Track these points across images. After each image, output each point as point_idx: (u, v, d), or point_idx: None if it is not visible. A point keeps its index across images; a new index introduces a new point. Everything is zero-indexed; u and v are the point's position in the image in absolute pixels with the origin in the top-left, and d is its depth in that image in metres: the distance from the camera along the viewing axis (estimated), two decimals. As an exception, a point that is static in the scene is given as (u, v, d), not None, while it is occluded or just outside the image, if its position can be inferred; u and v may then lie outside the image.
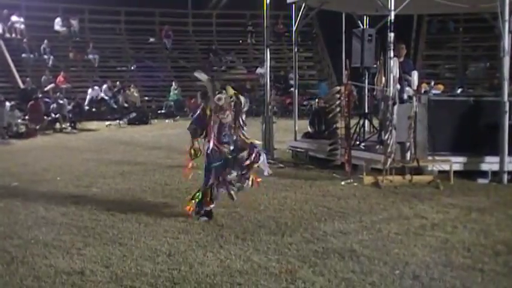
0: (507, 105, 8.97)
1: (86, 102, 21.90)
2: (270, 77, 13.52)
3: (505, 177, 8.90)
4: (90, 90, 22.40)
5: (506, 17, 9.00)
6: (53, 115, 18.90)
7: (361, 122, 11.22)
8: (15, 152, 13.81)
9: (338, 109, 9.78)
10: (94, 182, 9.21)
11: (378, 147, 10.04)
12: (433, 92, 10.85)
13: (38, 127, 17.83)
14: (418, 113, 9.12)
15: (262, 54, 12.84)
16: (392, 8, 9.32)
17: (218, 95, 6.60)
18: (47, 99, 20.12)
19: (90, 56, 25.04)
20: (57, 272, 4.92)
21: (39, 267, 5.05)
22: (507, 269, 4.96)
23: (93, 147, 14.29)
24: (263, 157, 6.77)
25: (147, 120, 21.47)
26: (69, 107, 19.97)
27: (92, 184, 9.03)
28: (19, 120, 17.81)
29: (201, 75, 7.02)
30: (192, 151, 6.76)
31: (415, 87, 9.70)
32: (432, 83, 12.97)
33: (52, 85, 21.93)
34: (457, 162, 9.12)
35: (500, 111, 8.98)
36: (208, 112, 6.68)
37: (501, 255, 5.33)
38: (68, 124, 19.20)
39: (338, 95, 9.84)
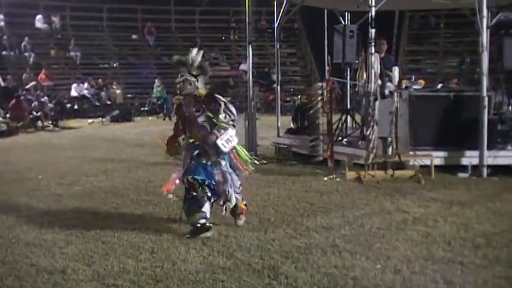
0: (486, 100, 9.06)
1: (70, 98, 21.72)
2: (253, 74, 13.53)
3: (485, 171, 9.00)
4: (75, 85, 22.23)
5: (484, 13, 9.10)
6: (35, 113, 18.75)
7: (344, 118, 11.27)
8: (-3, 150, 13.68)
9: (320, 105, 9.82)
10: (77, 180, 9.17)
11: (360, 142, 10.11)
12: (414, 87, 10.92)
13: (19, 125, 17.68)
14: (400, 108, 9.18)
15: (245, 51, 12.82)
16: (373, 3, 9.39)
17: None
18: (29, 97, 19.95)
19: (72, 53, 24.85)
20: (39, 271, 4.90)
21: (20, 267, 5.02)
22: (486, 261, 5.03)
23: (75, 145, 14.20)
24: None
25: (130, 117, 21.38)
26: (51, 105, 19.82)
27: (75, 182, 8.98)
28: (0, 119, 17.65)
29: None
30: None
31: (396, 83, 9.77)
32: (413, 78, 13.08)
33: (34, 83, 21.71)
34: (438, 157, 9.20)
35: (479, 106, 9.07)
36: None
37: (481, 248, 5.40)
38: (50, 122, 19.06)
39: (320, 91, 9.87)
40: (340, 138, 10.70)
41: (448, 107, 9.61)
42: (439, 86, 12.73)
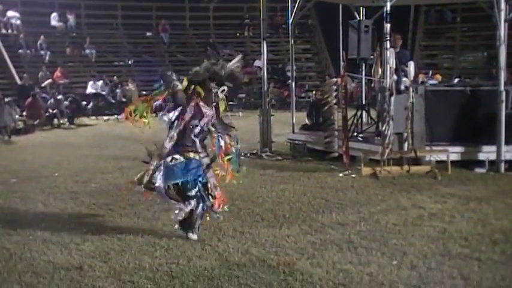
0: (503, 94, 8.97)
1: (86, 95, 21.85)
2: (268, 70, 13.51)
3: (502, 166, 8.92)
4: (90, 83, 22.34)
5: (502, 6, 9.00)
6: (51, 111, 18.88)
7: (359, 114, 11.22)
8: (14, 148, 13.82)
9: (334, 101, 9.77)
10: (92, 177, 9.22)
11: (375, 138, 10.05)
12: (430, 82, 10.84)
13: (35, 123, 17.82)
14: (415, 104, 9.11)
15: (260, 47, 12.80)
16: (389, -2, 9.30)
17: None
18: (44, 95, 20.10)
19: (87, 51, 24.96)
20: (56, 267, 4.93)
21: (37, 263, 5.06)
22: (504, 257, 4.98)
23: (91, 143, 14.29)
24: None
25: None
26: (67, 103, 19.95)
27: (91, 179, 9.03)
28: (17, 117, 17.80)
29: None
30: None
31: (411, 78, 9.70)
32: (430, 73, 12.99)
33: (49, 81, 21.88)
34: (454, 152, 9.14)
35: (497, 101, 8.98)
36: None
37: (499, 244, 5.35)
38: (66, 120, 19.19)
39: (335, 87, 9.83)
40: (355, 134, 10.64)
41: (465, 101, 9.53)
42: (456, 80, 12.63)
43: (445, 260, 4.94)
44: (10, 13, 24.23)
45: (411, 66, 9.73)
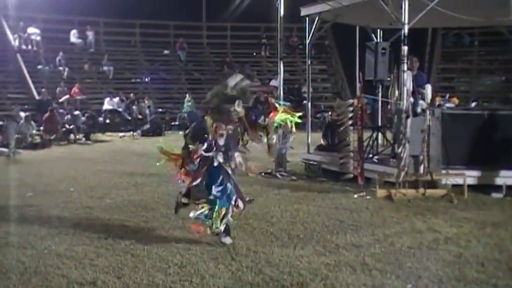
0: (522, 118, 8.91)
1: (102, 111, 22.04)
2: (284, 90, 13.55)
3: (520, 191, 8.83)
4: (107, 99, 22.54)
5: (521, 30, 8.99)
6: (68, 126, 19.06)
7: (375, 135, 11.19)
8: (30, 162, 13.91)
9: (350, 122, 9.76)
10: (107, 193, 9.26)
11: (391, 160, 10.00)
12: (447, 105, 10.80)
13: (52, 138, 17.98)
14: (432, 126, 9.08)
15: (276, 67, 12.86)
16: (406, 21, 9.32)
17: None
18: (61, 111, 20.31)
19: (105, 68, 25.26)
20: (70, 282, 4.95)
21: (52, 278, 5.07)
22: (521, 284, 4.91)
23: (106, 159, 14.37)
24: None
25: (160, 131, 21.56)
26: (83, 118, 20.13)
27: (105, 195, 9.07)
28: (34, 131, 17.98)
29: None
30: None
31: (428, 101, 9.67)
32: (447, 97, 12.95)
33: (67, 96, 22.12)
34: (471, 176, 9.04)
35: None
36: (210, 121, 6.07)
37: (515, 270, 5.27)
38: (82, 135, 19.35)
39: (351, 108, 9.82)
40: (370, 155, 10.61)
41: (482, 125, 9.46)
42: (473, 104, 12.58)
43: (460, 285, 4.88)
44: (30, 29, 24.63)
45: (428, 89, 9.71)
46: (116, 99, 22.69)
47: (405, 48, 9.30)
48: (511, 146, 8.89)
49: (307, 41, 12.47)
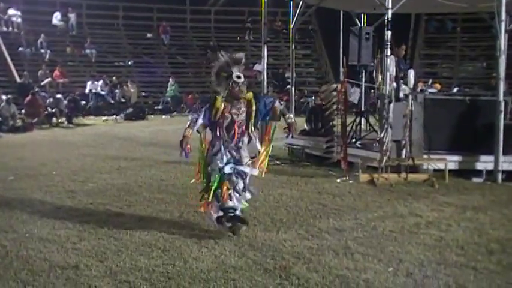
0: (502, 104, 8.99)
1: (85, 95, 21.87)
2: (268, 74, 13.54)
3: (500, 176, 8.93)
4: (89, 82, 22.36)
5: (503, 16, 9.02)
6: (50, 109, 18.90)
7: (358, 120, 11.23)
8: (12, 146, 13.79)
9: (335, 107, 9.79)
10: (90, 177, 9.21)
11: (374, 145, 10.06)
12: (430, 90, 10.86)
13: (34, 121, 17.83)
14: (414, 112, 9.13)
15: (260, 51, 12.83)
16: (390, 6, 9.32)
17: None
18: (43, 94, 20.11)
19: (88, 51, 25.02)
20: (52, 266, 4.92)
21: (33, 261, 5.05)
22: (500, 267, 4.98)
23: (89, 142, 14.28)
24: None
25: (144, 115, 21.47)
26: (66, 102, 19.97)
27: (88, 179, 9.03)
28: (16, 113, 17.80)
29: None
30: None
31: (411, 86, 9.72)
32: (429, 82, 13.01)
33: (49, 79, 21.91)
34: (452, 161, 9.13)
35: (495, 111, 9.00)
36: (218, 105, 5.81)
37: (495, 253, 5.35)
38: (65, 119, 19.20)
39: (335, 93, 9.84)
40: (353, 140, 10.66)
41: (464, 111, 9.54)
42: (455, 90, 12.65)
43: (441, 268, 4.94)
44: (11, 11, 24.30)
45: (411, 74, 9.74)
46: (100, 82, 22.51)
47: (389, 33, 9.31)
48: (492, 132, 8.97)
49: (291, 26, 12.45)
